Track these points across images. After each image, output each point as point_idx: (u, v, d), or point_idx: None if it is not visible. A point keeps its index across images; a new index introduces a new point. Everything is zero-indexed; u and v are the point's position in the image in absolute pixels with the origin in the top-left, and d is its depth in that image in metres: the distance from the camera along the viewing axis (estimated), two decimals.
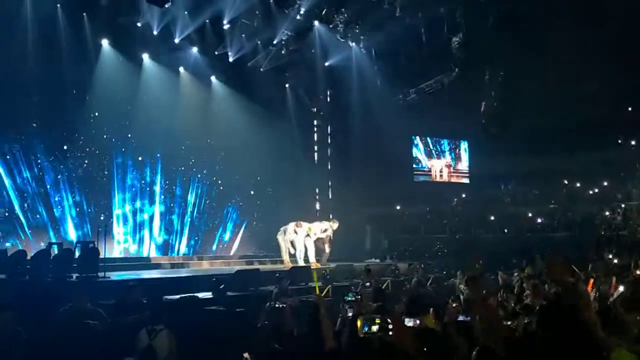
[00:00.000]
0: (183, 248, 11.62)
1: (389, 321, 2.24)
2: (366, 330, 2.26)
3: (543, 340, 1.82)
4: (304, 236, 9.54)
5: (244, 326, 3.79)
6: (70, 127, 9.68)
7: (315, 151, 14.17)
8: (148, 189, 11.14)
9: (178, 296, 5.49)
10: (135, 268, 8.63)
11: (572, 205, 15.03)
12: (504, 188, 16.95)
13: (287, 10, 10.95)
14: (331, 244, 10.13)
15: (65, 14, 9.34)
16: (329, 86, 13.94)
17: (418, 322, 2.78)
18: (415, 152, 16.50)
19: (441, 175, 16.86)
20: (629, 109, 16.35)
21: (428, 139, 16.73)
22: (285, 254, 9.68)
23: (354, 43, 13.03)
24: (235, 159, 12.08)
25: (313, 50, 12.34)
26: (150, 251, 10.96)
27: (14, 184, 8.97)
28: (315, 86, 13.73)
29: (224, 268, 9.68)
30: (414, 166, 16.35)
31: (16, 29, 8.65)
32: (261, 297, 5.75)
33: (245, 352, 3.09)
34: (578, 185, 16.36)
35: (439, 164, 16.83)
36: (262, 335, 3.37)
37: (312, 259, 9.55)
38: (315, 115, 14.46)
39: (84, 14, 9.66)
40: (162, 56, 10.88)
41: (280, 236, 9.71)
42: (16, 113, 8.79)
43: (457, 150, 17.36)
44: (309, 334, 3.03)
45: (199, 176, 12.03)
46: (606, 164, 15.73)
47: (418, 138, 16.49)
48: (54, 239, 8.92)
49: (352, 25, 12.26)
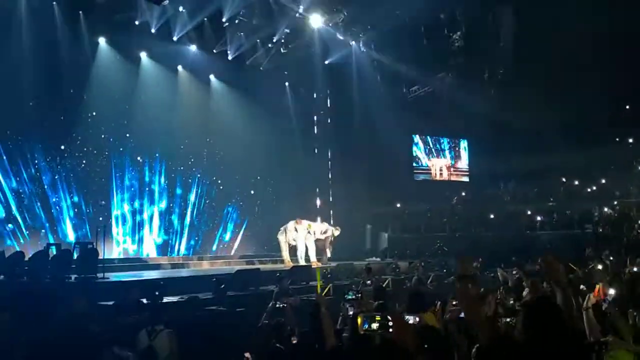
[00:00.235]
0: (183, 248, 11.59)
1: (389, 318, 2.24)
2: (366, 327, 2.26)
3: (527, 338, 1.82)
4: (305, 234, 9.50)
5: (245, 326, 3.78)
6: (67, 127, 9.61)
7: (315, 150, 14.13)
8: (147, 188, 11.08)
9: (178, 297, 5.47)
10: (134, 269, 8.59)
11: (571, 203, 15.06)
12: (503, 186, 16.98)
13: (287, 8, 10.91)
14: (331, 245, 10.10)
15: (62, 12, 9.28)
16: (328, 85, 13.90)
17: (418, 320, 2.77)
18: (415, 150, 16.49)
19: (441, 174, 16.86)
20: (626, 107, 16.39)
21: (428, 137, 16.73)
22: (285, 253, 9.65)
23: (353, 41, 13.00)
24: (235, 158, 12.03)
25: (313, 48, 12.30)
26: (150, 252, 10.92)
27: (11, 185, 8.93)
28: (315, 85, 13.71)
29: (225, 268, 9.64)
30: (413, 165, 16.35)
31: (12, 27, 8.59)
32: (262, 297, 5.73)
33: (246, 352, 3.08)
34: (576, 183, 16.40)
35: (438, 162, 16.84)
36: (262, 334, 3.35)
37: (313, 258, 9.52)
38: (315, 114, 14.42)
39: (80, 12, 9.59)
40: (160, 54, 10.82)
41: (280, 235, 9.68)
42: (12, 113, 8.71)
43: (456, 149, 17.36)
44: (310, 333, 3.02)
45: (199, 176, 11.98)
46: (604, 161, 15.78)
47: (418, 136, 16.48)
48: (52, 240, 8.86)
49: (352, 23, 12.23)
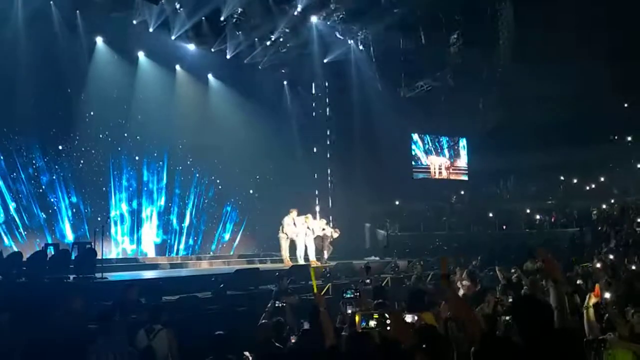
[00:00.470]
0: (182, 248, 11.57)
1: (386, 316, 2.23)
2: (364, 325, 2.26)
3: (518, 335, 1.82)
4: (305, 229, 9.45)
5: (244, 325, 3.77)
6: (65, 127, 9.56)
7: (314, 149, 14.11)
8: (145, 188, 11.04)
9: (177, 296, 5.45)
10: (133, 268, 8.56)
11: (570, 201, 15.10)
12: (502, 184, 17.01)
13: (285, 6, 10.88)
14: (330, 245, 10.08)
15: (59, 11, 9.22)
16: (327, 83, 13.87)
17: (416, 319, 2.77)
18: (414, 149, 16.50)
19: (440, 173, 16.88)
20: (624, 105, 16.43)
21: (427, 136, 16.73)
22: (285, 252, 9.62)
23: (352, 40, 12.97)
24: (233, 158, 11.98)
25: (311, 47, 12.26)
26: (149, 251, 10.89)
27: (9, 185, 8.88)
28: (313, 83, 13.66)
29: (224, 267, 9.61)
30: (413, 164, 16.36)
31: (8, 26, 8.52)
32: (261, 296, 5.72)
33: (245, 351, 3.07)
34: (575, 181, 16.44)
35: (437, 161, 16.85)
36: (262, 334, 3.35)
37: (312, 257, 9.51)
38: (314, 113, 14.41)
39: (78, 11, 9.54)
40: (158, 53, 10.78)
41: (280, 233, 9.58)
42: (10, 113, 8.66)
43: (455, 148, 17.38)
44: (309, 332, 3.02)
45: (198, 175, 11.94)
46: (603, 160, 15.82)
47: (417, 135, 16.48)
48: (50, 240, 8.81)
49: (351, 21, 12.19)
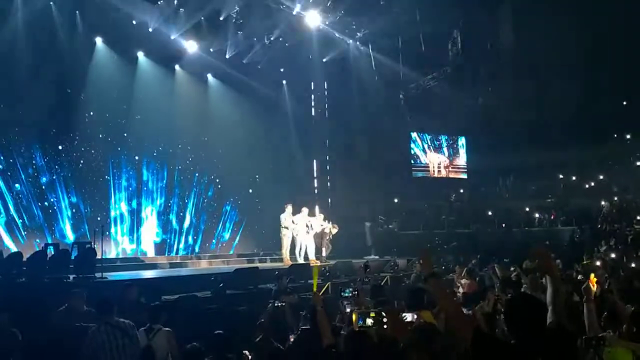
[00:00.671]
0: (182, 247, 11.59)
1: (383, 314, 2.24)
2: (361, 324, 2.27)
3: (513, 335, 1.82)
4: (304, 227, 9.45)
5: (244, 325, 3.78)
6: (65, 127, 9.57)
7: (313, 148, 14.12)
8: (145, 188, 11.06)
9: (177, 295, 5.46)
10: (133, 268, 8.57)
11: (569, 199, 15.11)
12: (501, 183, 17.01)
13: (284, 6, 10.87)
14: (329, 242, 10.09)
15: (59, 12, 9.22)
16: (326, 83, 13.86)
17: (416, 317, 2.78)
18: (413, 148, 16.50)
19: (439, 171, 16.88)
20: (623, 103, 16.43)
21: (426, 135, 16.73)
22: (285, 251, 9.63)
23: (351, 39, 12.96)
24: (233, 157, 11.99)
25: (310, 46, 12.26)
26: (148, 251, 10.91)
27: (9, 185, 8.88)
28: (312, 83, 13.66)
29: (223, 267, 9.63)
30: (412, 162, 16.37)
31: (8, 26, 8.52)
32: (260, 296, 5.74)
33: (245, 351, 3.09)
34: (574, 179, 16.44)
35: (437, 159, 16.85)
36: (261, 333, 3.36)
37: (311, 256, 9.53)
38: (313, 112, 14.41)
39: (77, 11, 9.55)
40: (157, 54, 10.78)
41: (282, 230, 9.53)
42: (10, 113, 8.67)
43: (454, 146, 17.38)
44: (307, 331, 3.03)
45: (197, 175, 11.96)
46: (602, 157, 15.83)
47: (416, 134, 16.48)
48: (50, 240, 8.83)
49: (350, 21, 12.19)
